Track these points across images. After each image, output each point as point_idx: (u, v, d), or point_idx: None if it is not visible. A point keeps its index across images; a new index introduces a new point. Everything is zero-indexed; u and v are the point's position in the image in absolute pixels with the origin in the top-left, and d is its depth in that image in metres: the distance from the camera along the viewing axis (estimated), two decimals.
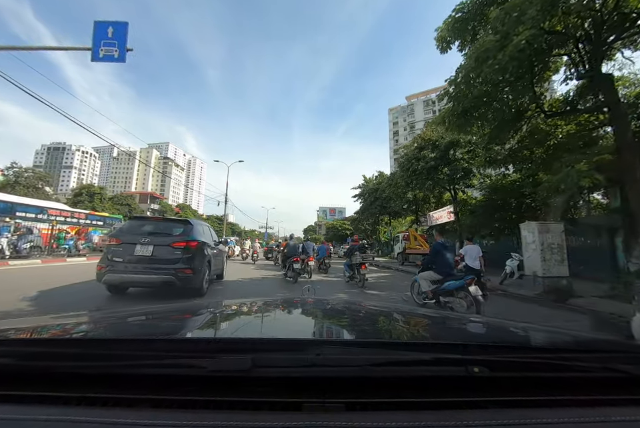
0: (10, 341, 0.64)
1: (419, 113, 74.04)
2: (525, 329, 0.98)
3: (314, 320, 1.13)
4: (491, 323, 1.18)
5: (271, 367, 0.53)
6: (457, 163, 12.71)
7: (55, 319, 1.06)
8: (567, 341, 0.84)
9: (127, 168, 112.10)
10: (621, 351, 0.65)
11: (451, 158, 12.87)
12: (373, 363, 0.54)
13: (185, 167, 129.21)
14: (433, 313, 1.57)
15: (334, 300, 2.12)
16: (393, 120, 79.08)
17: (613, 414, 0.47)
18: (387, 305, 2.04)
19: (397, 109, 79.35)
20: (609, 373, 0.55)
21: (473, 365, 0.52)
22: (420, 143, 14.12)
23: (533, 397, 0.50)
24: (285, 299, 1.91)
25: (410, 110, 75.50)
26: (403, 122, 76.38)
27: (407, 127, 73.96)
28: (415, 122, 73.95)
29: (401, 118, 77.21)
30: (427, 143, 13.55)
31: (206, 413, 0.45)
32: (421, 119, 72.66)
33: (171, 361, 0.54)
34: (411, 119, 74.71)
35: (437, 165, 12.73)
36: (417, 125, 72.19)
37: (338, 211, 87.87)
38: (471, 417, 0.45)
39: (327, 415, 0.45)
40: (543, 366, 0.55)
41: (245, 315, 1.18)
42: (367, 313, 1.29)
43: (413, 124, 73.19)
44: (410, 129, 72.21)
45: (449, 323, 1.12)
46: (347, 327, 0.99)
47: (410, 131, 71.49)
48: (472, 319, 1.33)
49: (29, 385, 0.51)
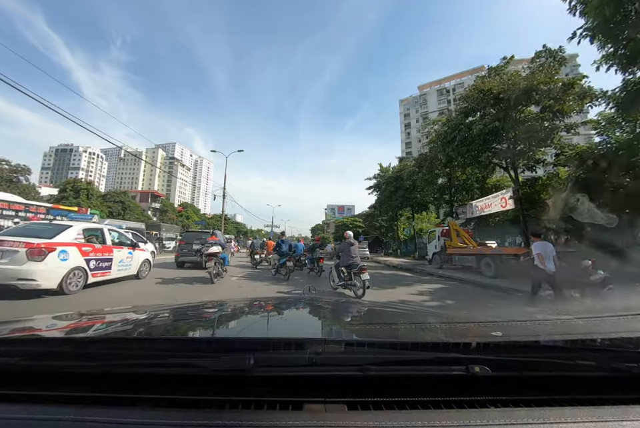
0: (10, 340, 0.64)
1: (433, 103, 69.30)
2: (525, 329, 0.98)
3: (314, 319, 1.17)
4: (492, 322, 1.11)
5: (271, 367, 0.53)
6: (532, 122, 8.91)
7: (55, 319, 1.02)
8: (567, 340, 0.79)
9: (133, 168, 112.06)
10: (621, 350, 0.63)
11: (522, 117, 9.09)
12: (373, 362, 0.54)
13: (192, 167, 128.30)
14: (434, 312, 1.56)
15: (334, 300, 1.89)
16: (404, 112, 74.50)
17: (613, 413, 0.46)
18: (387, 304, 2.07)
19: (408, 100, 74.72)
20: (609, 372, 0.54)
21: (474, 365, 0.52)
22: (470, 102, 10.31)
23: (533, 396, 0.50)
24: (285, 299, 2.09)
25: (422, 100, 70.81)
26: (415, 113, 71.74)
27: (420, 119, 69.37)
28: (427, 113, 69.28)
29: (412, 109, 72.57)
30: (483, 98, 9.63)
31: (207, 412, 0.45)
32: (434, 110, 67.97)
33: (172, 360, 0.54)
34: (423, 109, 70.00)
35: (500, 128, 8.88)
36: (430, 116, 67.73)
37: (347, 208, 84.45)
38: (472, 416, 0.45)
39: (327, 414, 0.45)
40: (543, 365, 0.55)
41: (246, 314, 1.19)
42: (367, 312, 1.30)
43: (426, 115, 68.56)
44: (423, 120, 67.70)
45: (449, 322, 1.10)
46: (347, 327, 1.01)
47: (423, 123, 67.12)
48: (472, 319, 1.27)
49: (29, 385, 0.51)
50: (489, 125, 8.90)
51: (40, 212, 13.63)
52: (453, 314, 2.14)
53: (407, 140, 66.87)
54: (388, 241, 31.83)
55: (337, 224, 48.07)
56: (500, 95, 9.22)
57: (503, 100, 9.12)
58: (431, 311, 1.74)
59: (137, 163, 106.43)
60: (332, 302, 1.55)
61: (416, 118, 70.11)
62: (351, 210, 79.53)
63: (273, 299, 1.80)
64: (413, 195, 18.95)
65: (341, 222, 46.01)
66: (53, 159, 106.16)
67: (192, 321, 1.03)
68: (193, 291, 5.45)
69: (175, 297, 4.82)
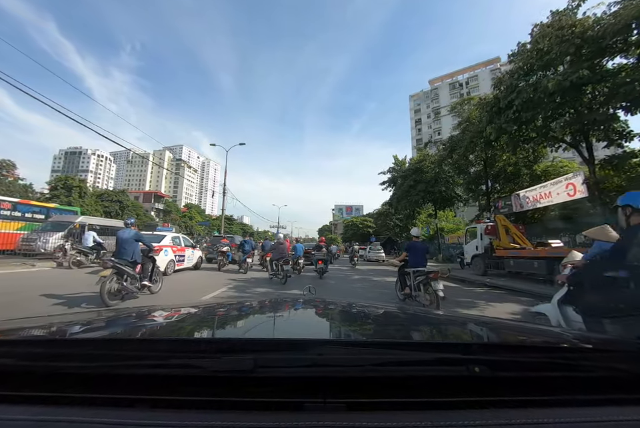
0: (9, 341, 0.63)
1: (445, 97, 66.00)
2: (525, 329, 0.98)
3: (315, 320, 1.14)
4: (492, 322, 1.11)
5: (272, 367, 0.53)
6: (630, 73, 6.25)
7: (54, 319, 1.04)
8: (568, 341, 0.82)
9: (140, 170, 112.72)
10: (621, 350, 0.64)
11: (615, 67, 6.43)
12: (373, 362, 0.53)
13: (199, 169, 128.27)
14: (434, 312, 1.52)
15: (335, 300, 1.81)
16: (415, 107, 71.37)
17: (614, 414, 0.46)
18: (387, 304, 2.01)
19: (418, 95, 71.62)
20: (610, 372, 0.54)
21: (474, 365, 0.51)
22: (546, 45, 7.13)
23: (534, 396, 0.50)
24: (286, 299, 1.96)
25: (434, 95, 67.62)
26: (426, 108, 68.54)
27: (431, 114, 66.25)
28: (439, 108, 66.13)
29: (423, 104, 69.41)
30: (563, 40, 6.74)
31: (207, 413, 0.45)
32: (446, 104, 64.66)
33: (172, 361, 0.54)
34: (435, 104, 66.81)
35: (589, 80, 6.17)
36: (442, 111, 64.63)
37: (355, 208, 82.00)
38: (472, 416, 0.45)
39: (327, 415, 0.45)
40: (544, 366, 0.55)
41: (247, 315, 1.18)
42: (367, 312, 1.29)
43: (437, 110, 65.46)
44: (435, 115, 64.62)
45: (450, 322, 1.08)
46: (348, 327, 0.99)
47: (435, 118, 63.97)
48: (473, 319, 1.26)
49: (28, 386, 0.50)
50: (571, 76, 6.20)
51: (5, 208, 11.71)
52: (453, 314, 1.98)
53: (418, 136, 63.50)
54: (403, 241, 29.20)
55: (346, 224, 45.52)
56: (587, 32, 6.47)
57: (590, 40, 6.39)
58: (432, 311, 1.60)
59: (144, 164, 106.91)
60: (332, 302, 1.49)
61: (427, 113, 66.96)
62: (359, 210, 77.00)
63: (274, 300, 1.71)
64: (436, 188, 16.42)
65: (350, 221, 43.45)
66: (63, 162, 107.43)
67: (192, 321, 1.02)
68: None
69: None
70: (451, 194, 17.04)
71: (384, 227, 31.97)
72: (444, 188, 16.05)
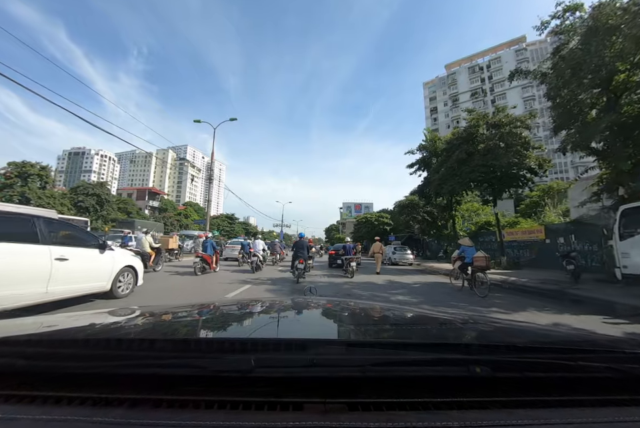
0: (10, 341, 0.63)
1: (464, 82, 59.81)
2: (526, 329, 0.97)
3: (315, 320, 1.14)
4: (493, 322, 1.10)
5: (272, 367, 0.53)
6: None
7: (55, 319, 1.04)
8: (568, 341, 0.81)
9: (143, 170, 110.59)
10: (622, 350, 0.63)
11: None
12: (373, 362, 0.54)
13: (203, 169, 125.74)
14: (434, 312, 1.53)
15: (335, 300, 1.88)
16: (430, 95, 65.20)
17: (615, 414, 0.47)
18: (388, 304, 1.98)
19: (433, 82, 65.52)
20: (610, 372, 0.54)
21: (475, 365, 0.52)
22: None
23: (534, 397, 0.50)
24: (286, 299, 1.93)
25: (451, 80, 61.43)
26: (443, 95, 62.37)
27: (449, 101, 60.14)
28: (458, 94, 59.97)
29: (439, 91, 63.23)
30: None
31: (207, 413, 0.45)
32: (466, 90, 58.66)
33: (172, 361, 0.54)
34: (452, 91, 60.65)
35: None
36: (460, 98, 58.51)
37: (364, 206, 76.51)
38: (473, 417, 0.45)
39: (327, 415, 0.45)
40: (544, 366, 0.55)
41: (247, 315, 1.18)
42: (367, 312, 1.28)
43: (455, 96, 59.37)
44: (453, 102, 58.63)
45: (450, 322, 1.06)
46: (347, 327, 0.99)
47: (453, 105, 58.03)
48: (473, 319, 1.20)
49: (29, 385, 0.51)
50: None
51: None
52: (454, 314, 1.91)
53: (434, 126, 57.02)
54: (431, 240, 23.86)
55: (358, 220, 40.34)
56: None
57: None
58: (432, 311, 1.57)
59: (148, 164, 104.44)
60: (333, 302, 1.50)
61: (444, 101, 61.04)
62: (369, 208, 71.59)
63: (274, 300, 1.75)
64: (499, 161, 11.22)
65: (363, 218, 38.30)
66: (67, 162, 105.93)
67: (193, 321, 1.02)
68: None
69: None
70: (518, 172, 11.85)
71: (406, 223, 26.70)
72: (516, 159, 10.84)
